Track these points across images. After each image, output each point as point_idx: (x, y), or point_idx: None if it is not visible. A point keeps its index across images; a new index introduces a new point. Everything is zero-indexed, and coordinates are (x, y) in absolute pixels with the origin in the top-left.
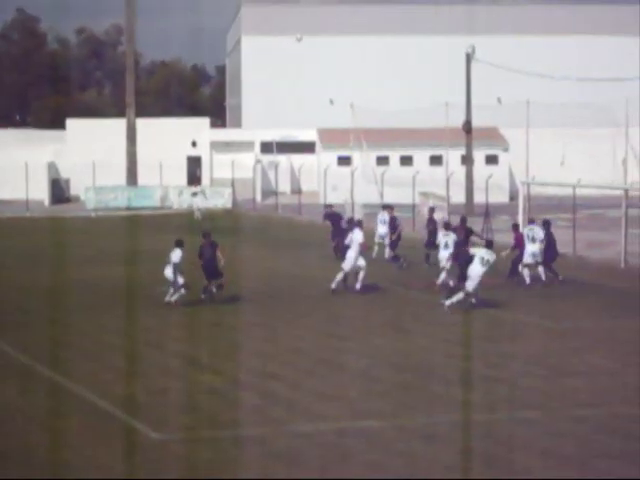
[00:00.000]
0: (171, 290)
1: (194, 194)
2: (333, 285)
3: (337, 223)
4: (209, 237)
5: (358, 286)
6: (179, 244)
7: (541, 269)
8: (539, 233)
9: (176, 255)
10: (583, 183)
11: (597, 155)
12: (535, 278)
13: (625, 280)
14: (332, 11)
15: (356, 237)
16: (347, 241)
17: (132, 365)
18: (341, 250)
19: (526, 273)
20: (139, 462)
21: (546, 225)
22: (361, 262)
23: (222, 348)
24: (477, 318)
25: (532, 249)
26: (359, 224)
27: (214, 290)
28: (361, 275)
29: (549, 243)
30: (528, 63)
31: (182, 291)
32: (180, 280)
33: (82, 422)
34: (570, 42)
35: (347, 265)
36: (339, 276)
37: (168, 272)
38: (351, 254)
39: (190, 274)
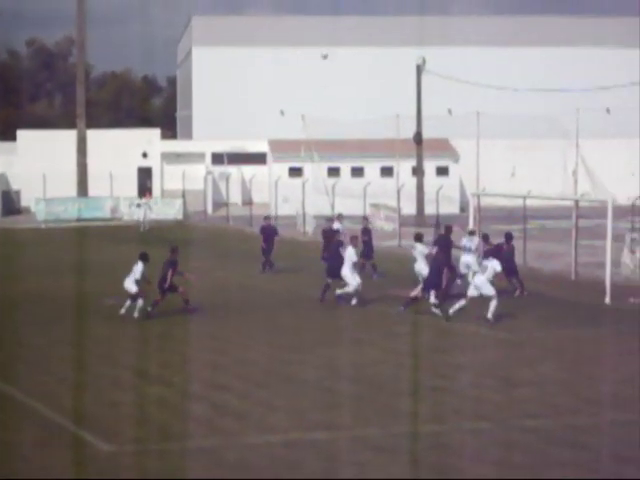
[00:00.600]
0: (127, 302)
1: (138, 205)
2: (353, 302)
3: (271, 236)
4: (174, 253)
5: (338, 292)
6: (143, 258)
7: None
8: (476, 244)
9: (138, 269)
10: (533, 194)
11: (548, 166)
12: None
13: (575, 291)
14: (284, 22)
15: (349, 255)
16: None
17: (82, 377)
18: (330, 270)
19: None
20: (90, 474)
21: (507, 238)
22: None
23: (172, 360)
24: (428, 329)
25: (466, 259)
26: (352, 241)
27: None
28: (345, 290)
29: (510, 255)
30: (479, 74)
31: (139, 302)
32: (134, 289)
33: (32, 434)
34: (521, 53)
35: (354, 283)
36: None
37: (129, 284)
38: (345, 271)
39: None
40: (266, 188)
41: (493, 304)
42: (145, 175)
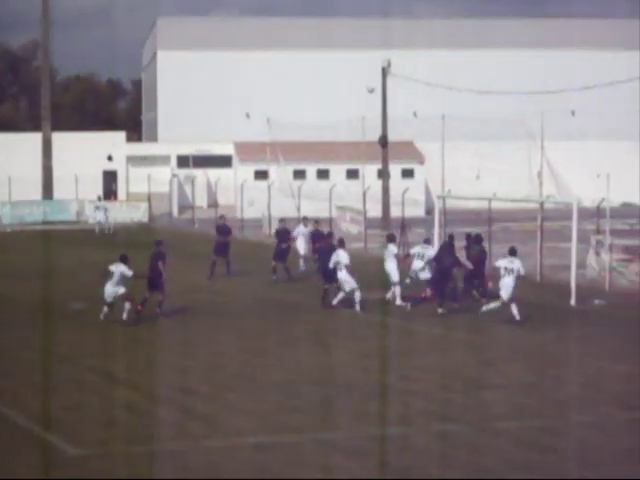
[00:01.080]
0: (105, 309)
1: (97, 208)
2: (357, 307)
3: (225, 236)
4: (160, 246)
5: (335, 302)
6: (124, 260)
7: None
8: (429, 253)
9: (121, 270)
10: (499, 196)
11: (513, 168)
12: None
13: (541, 293)
14: (249, 24)
15: (342, 258)
16: (332, 264)
17: (49, 381)
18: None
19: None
20: (58, 477)
21: (477, 239)
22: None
23: (139, 363)
24: (396, 332)
25: (415, 266)
26: (342, 244)
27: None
28: (340, 295)
29: (480, 259)
30: (444, 77)
31: (127, 305)
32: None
33: None
34: (486, 56)
35: (349, 285)
36: (357, 295)
37: (110, 289)
38: (346, 275)
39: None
40: (232, 191)
41: (514, 307)
42: (110, 178)
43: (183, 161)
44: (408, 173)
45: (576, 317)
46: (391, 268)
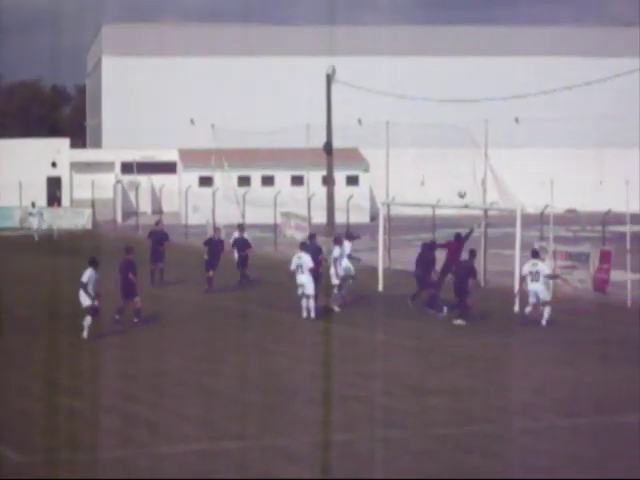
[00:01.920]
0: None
1: (30, 214)
2: (313, 314)
3: (160, 242)
4: (130, 252)
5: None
6: (93, 263)
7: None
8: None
9: (89, 276)
10: (443, 203)
11: (457, 175)
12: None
13: (485, 300)
14: (194, 31)
15: (305, 262)
16: (293, 267)
17: None
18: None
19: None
20: None
21: (472, 254)
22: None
23: (83, 370)
24: (338, 338)
25: (345, 264)
26: (304, 247)
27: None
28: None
29: (427, 264)
30: (389, 84)
31: (87, 319)
32: (86, 302)
33: None
34: (430, 63)
35: (311, 290)
36: (311, 303)
37: (84, 298)
38: (307, 279)
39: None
40: (176, 197)
41: (547, 310)
42: (54, 184)
43: (127, 167)
44: (353, 180)
45: (520, 323)
46: (347, 264)
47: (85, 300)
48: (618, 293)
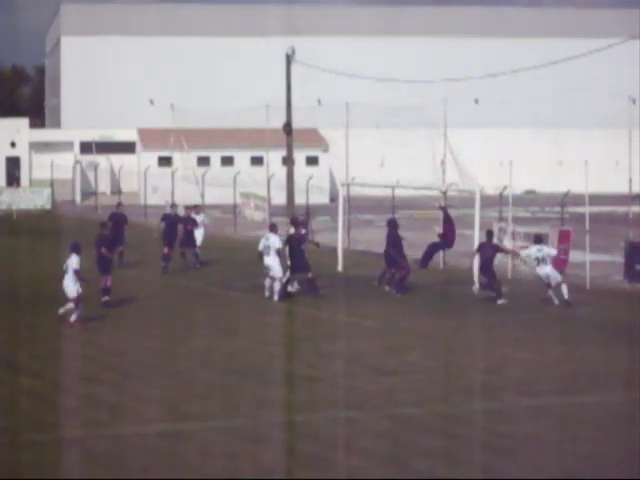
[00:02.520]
0: (70, 305)
1: None
2: (276, 297)
3: (120, 224)
4: (105, 227)
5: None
6: (76, 249)
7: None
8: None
9: (73, 262)
10: (402, 184)
11: (416, 156)
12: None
13: (443, 280)
14: (153, 10)
15: (273, 243)
16: (260, 248)
17: None
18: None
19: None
20: None
21: (392, 225)
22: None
23: (42, 351)
24: (298, 319)
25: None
26: (273, 229)
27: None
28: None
29: (396, 242)
30: (348, 64)
31: (70, 305)
32: (77, 291)
33: None
34: (389, 43)
35: (277, 272)
36: (276, 285)
37: (68, 284)
38: (274, 261)
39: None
40: (135, 177)
41: (564, 288)
42: (13, 164)
43: (86, 147)
44: (313, 160)
45: (478, 304)
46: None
47: (73, 289)
48: (577, 274)
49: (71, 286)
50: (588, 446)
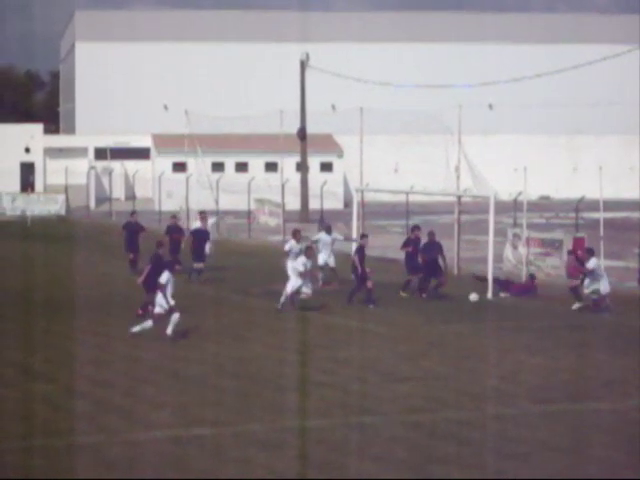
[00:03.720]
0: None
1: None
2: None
3: (136, 233)
4: (161, 247)
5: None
6: (168, 266)
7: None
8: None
9: (164, 276)
10: (416, 190)
11: (430, 162)
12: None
13: (458, 286)
14: (167, 17)
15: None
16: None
17: None
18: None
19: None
20: None
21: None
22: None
23: (56, 356)
24: (312, 325)
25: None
26: (307, 252)
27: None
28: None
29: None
30: (362, 70)
31: (148, 324)
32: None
33: None
34: (403, 49)
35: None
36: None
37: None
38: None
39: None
40: (149, 183)
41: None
42: (28, 170)
43: (101, 153)
44: (327, 166)
45: (493, 310)
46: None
47: (161, 304)
48: None
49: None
50: (602, 451)
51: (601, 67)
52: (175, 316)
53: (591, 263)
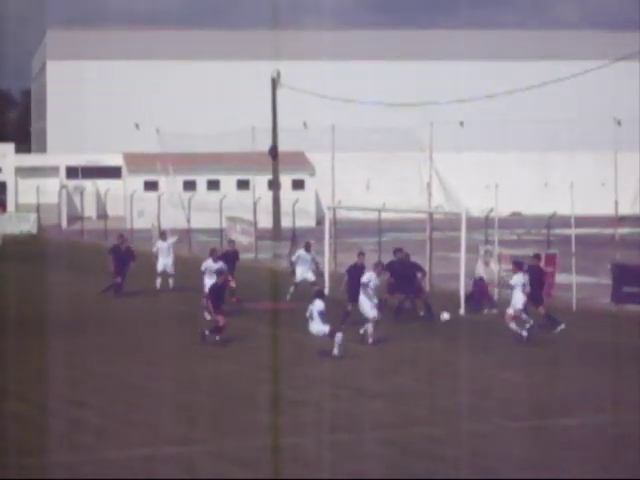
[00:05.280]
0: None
1: None
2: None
3: (127, 261)
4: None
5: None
6: (319, 295)
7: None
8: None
9: (318, 306)
10: (388, 207)
11: (403, 179)
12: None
13: (430, 302)
14: (138, 36)
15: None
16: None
17: None
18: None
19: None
20: None
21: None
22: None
23: (29, 375)
24: (284, 343)
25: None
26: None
27: None
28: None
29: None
30: (334, 88)
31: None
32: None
33: None
34: (375, 67)
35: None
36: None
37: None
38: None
39: None
40: (121, 202)
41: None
42: None
43: (72, 172)
44: (299, 184)
45: (465, 327)
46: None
47: (320, 329)
48: (563, 296)
49: (316, 327)
50: (574, 467)
51: (573, 83)
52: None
53: (514, 279)
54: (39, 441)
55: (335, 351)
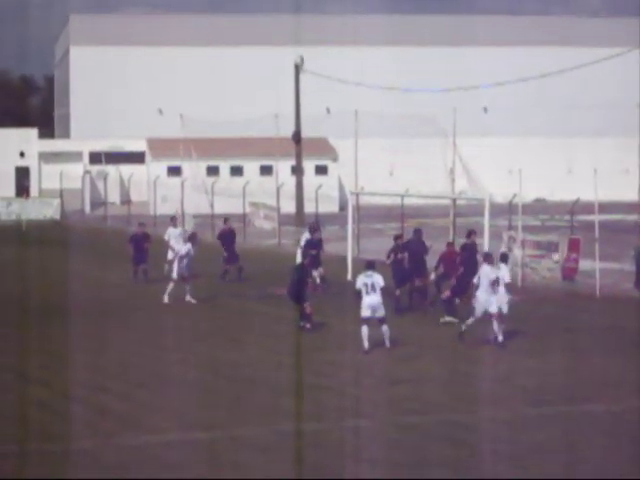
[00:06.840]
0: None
1: None
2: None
3: (143, 243)
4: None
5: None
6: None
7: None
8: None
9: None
10: (411, 193)
11: (426, 165)
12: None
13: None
14: (162, 21)
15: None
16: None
17: None
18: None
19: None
20: None
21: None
22: None
23: (51, 361)
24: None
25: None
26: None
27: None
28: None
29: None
30: (357, 73)
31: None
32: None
33: None
34: (399, 52)
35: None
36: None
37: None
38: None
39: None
40: (145, 187)
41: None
42: (23, 175)
43: (95, 157)
44: (322, 169)
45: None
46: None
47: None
48: (587, 282)
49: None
50: (598, 453)
51: (597, 69)
52: None
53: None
54: (61, 427)
55: (387, 343)
